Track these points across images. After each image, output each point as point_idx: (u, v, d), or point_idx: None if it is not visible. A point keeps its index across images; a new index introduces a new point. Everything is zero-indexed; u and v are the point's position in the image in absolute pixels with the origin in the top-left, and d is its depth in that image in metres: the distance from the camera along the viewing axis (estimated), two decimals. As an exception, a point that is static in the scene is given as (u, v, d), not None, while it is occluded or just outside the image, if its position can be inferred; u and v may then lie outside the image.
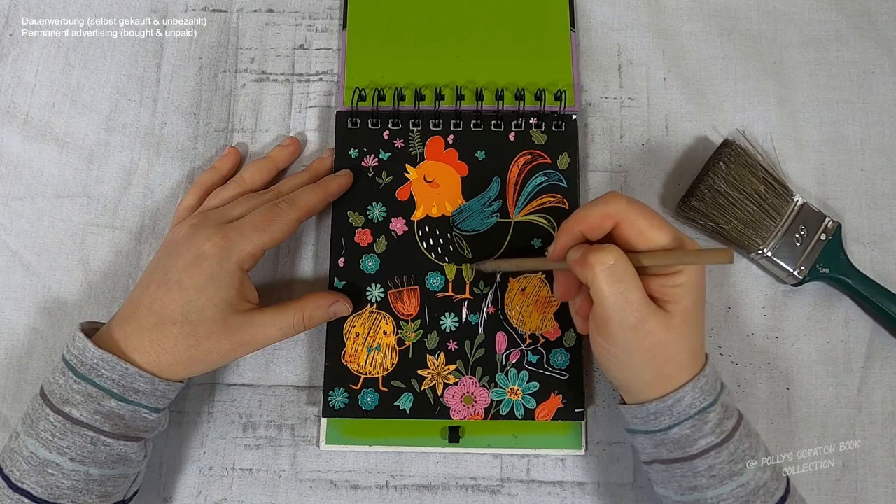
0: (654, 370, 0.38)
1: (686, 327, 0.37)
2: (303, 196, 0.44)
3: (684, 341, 0.37)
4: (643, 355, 0.37)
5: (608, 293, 0.36)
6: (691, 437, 0.37)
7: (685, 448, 0.37)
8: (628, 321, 0.36)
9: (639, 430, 0.40)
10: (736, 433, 0.38)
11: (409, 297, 0.46)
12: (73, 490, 0.38)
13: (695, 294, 0.37)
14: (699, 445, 0.37)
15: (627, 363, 0.38)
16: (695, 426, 0.37)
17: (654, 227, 0.37)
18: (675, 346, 0.37)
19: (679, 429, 0.37)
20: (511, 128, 0.49)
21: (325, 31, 0.53)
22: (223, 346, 0.40)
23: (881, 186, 0.50)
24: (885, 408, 0.46)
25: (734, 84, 0.52)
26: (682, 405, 0.37)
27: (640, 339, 0.37)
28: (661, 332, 0.36)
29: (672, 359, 0.38)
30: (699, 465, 0.37)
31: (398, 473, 0.46)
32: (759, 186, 0.46)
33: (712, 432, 0.37)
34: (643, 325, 0.36)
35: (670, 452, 0.38)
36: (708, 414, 0.37)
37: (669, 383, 0.38)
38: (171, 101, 0.52)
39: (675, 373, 0.38)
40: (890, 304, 0.46)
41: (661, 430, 0.38)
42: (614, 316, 0.36)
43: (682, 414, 0.37)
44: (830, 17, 0.53)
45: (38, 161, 0.50)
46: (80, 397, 0.38)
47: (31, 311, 0.48)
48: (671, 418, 0.38)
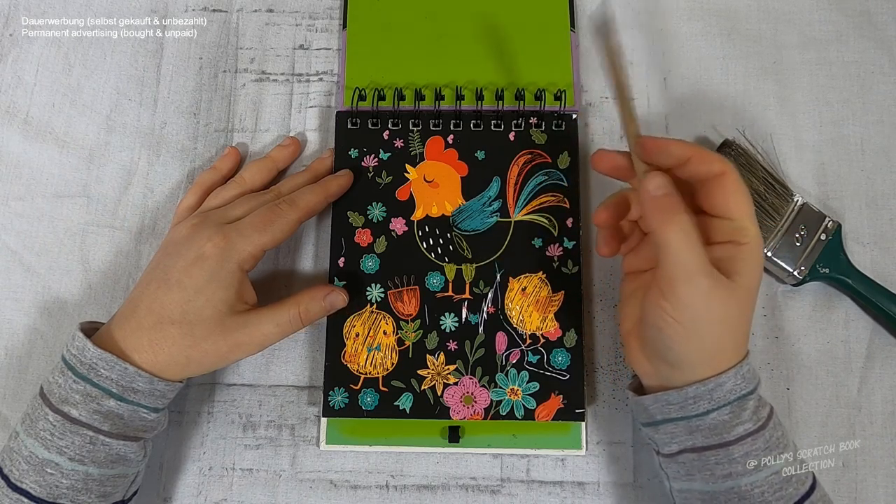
0: (715, 344, 0.37)
1: (749, 302, 0.37)
2: (303, 196, 0.44)
3: (745, 317, 0.37)
4: (708, 325, 0.36)
5: (683, 253, 0.35)
6: (729, 423, 0.37)
7: (722, 434, 0.37)
8: (701, 285, 0.35)
9: (671, 417, 0.38)
10: (770, 421, 0.38)
11: (409, 297, 0.46)
12: (72, 490, 0.38)
13: (759, 269, 0.37)
14: (737, 431, 0.37)
15: (693, 333, 0.36)
16: (733, 412, 0.37)
17: (746, 196, 0.37)
18: (737, 321, 0.37)
19: (717, 414, 0.37)
20: (511, 128, 0.49)
21: (325, 31, 0.53)
22: (220, 348, 0.40)
23: (881, 186, 0.50)
24: (885, 408, 0.46)
25: (734, 84, 0.52)
26: (722, 390, 0.37)
27: (708, 308, 0.35)
28: (729, 303, 0.36)
29: (733, 334, 0.37)
30: (736, 451, 0.37)
31: (398, 473, 0.46)
32: (759, 186, 0.46)
33: (750, 419, 0.37)
34: (714, 292, 0.35)
35: (706, 439, 0.38)
36: (747, 401, 0.37)
37: (718, 364, 0.37)
38: (171, 101, 0.52)
39: (728, 352, 0.37)
40: (890, 304, 0.46)
41: (698, 416, 0.37)
42: (686, 278, 0.35)
43: (722, 399, 0.37)
44: (830, 17, 0.53)
45: (38, 161, 0.51)
46: (79, 397, 0.38)
47: (31, 311, 0.48)
48: (710, 402, 0.37)
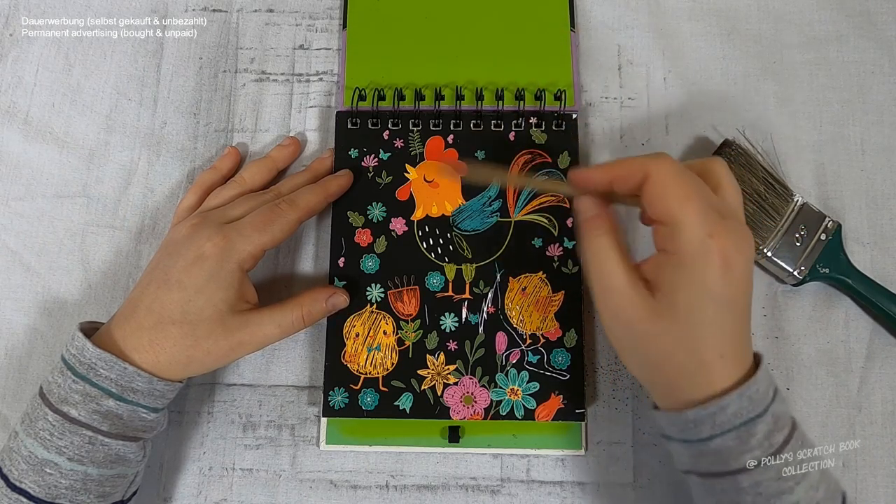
0: (659, 375, 0.35)
1: (683, 325, 0.33)
2: (303, 196, 0.44)
3: (682, 343, 0.33)
4: (638, 355, 0.35)
5: (595, 271, 0.34)
6: (735, 451, 0.33)
7: (728, 462, 0.33)
8: (611, 303, 0.34)
9: (674, 437, 0.36)
10: (787, 446, 0.33)
11: (408, 297, 0.46)
12: (72, 490, 0.38)
13: (695, 284, 0.33)
14: (743, 460, 0.33)
15: (630, 360, 0.35)
16: (740, 437, 0.33)
17: (677, 200, 0.33)
18: (672, 349, 0.33)
19: (721, 440, 0.33)
20: (511, 127, 0.49)
21: (325, 31, 0.53)
22: (222, 347, 0.40)
23: (881, 186, 0.50)
24: (885, 408, 0.46)
25: (734, 84, 0.52)
26: (725, 414, 0.33)
27: (629, 329, 0.34)
28: (654, 323, 0.33)
29: (672, 363, 0.34)
30: (743, 481, 0.33)
31: (398, 473, 0.46)
32: (759, 186, 0.46)
33: (759, 445, 0.33)
34: (631, 311, 0.33)
35: (710, 465, 0.34)
36: (756, 425, 0.33)
37: (702, 388, 0.33)
38: (171, 101, 0.52)
39: (703, 378, 0.33)
40: (890, 304, 0.46)
41: (701, 441, 0.34)
42: (601, 296, 0.34)
43: (726, 424, 0.33)
44: (830, 17, 0.53)
45: (38, 161, 0.51)
46: (78, 397, 0.38)
47: (31, 311, 0.48)
48: (713, 428, 0.33)
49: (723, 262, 0.32)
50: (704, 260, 0.33)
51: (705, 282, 0.33)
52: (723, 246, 0.32)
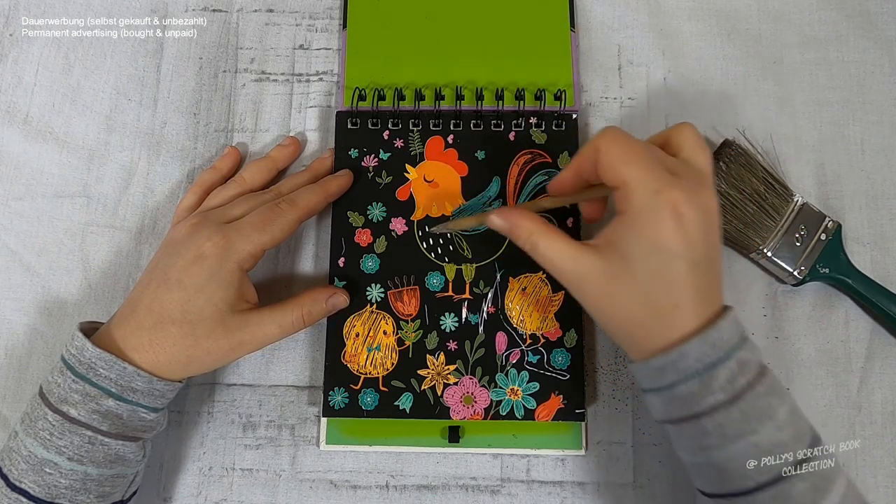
0: (623, 329, 0.37)
1: (636, 279, 0.35)
2: (303, 196, 0.44)
3: (636, 297, 0.35)
4: (604, 315, 0.37)
5: (547, 269, 0.38)
6: (699, 395, 0.35)
7: (692, 406, 0.35)
8: (571, 287, 0.37)
9: (646, 388, 0.38)
10: (751, 391, 0.34)
11: (408, 297, 0.46)
12: (71, 490, 0.38)
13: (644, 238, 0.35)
14: (707, 403, 0.34)
15: (599, 321, 0.38)
16: (703, 382, 0.34)
17: (623, 162, 0.35)
18: (628, 302, 0.35)
19: (686, 386, 0.35)
20: (511, 128, 0.49)
21: (325, 31, 0.53)
22: (222, 346, 0.40)
23: (881, 186, 0.50)
24: (885, 408, 0.46)
25: (734, 84, 0.52)
26: (688, 360, 0.34)
27: (590, 299, 0.37)
28: (604, 288, 0.36)
29: (630, 316, 0.36)
30: (707, 423, 0.35)
31: (398, 473, 0.46)
32: (759, 186, 0.46)
33: (722, 389, 0.34)
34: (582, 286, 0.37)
35: (678, 410, 0.36)
36: (717, 370, 0.34)
37: (662, 338, 0.35)
38: (171, 101, 0.52)
39: (660, 328, 0.35)
40: (890, 304, 0.46)
41: (668, 387, 0.36)
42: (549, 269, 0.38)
43: (689, 369, 0.35)
44: (830, 17, 0.53)
45: (38, 161, 0.51)
46: (78, 396, 0.38)
47: (31, 311, 0.48)
48: (677, 374, 0.35)
49: (673, 216, 0.34)
50: (652, 215, 0.34)
51: (654, 236, 0.34)
52: (672, 200, 0.34)
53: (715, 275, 0.37)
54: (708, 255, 0.36)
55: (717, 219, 0.36)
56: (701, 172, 0.37)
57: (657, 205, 0.34)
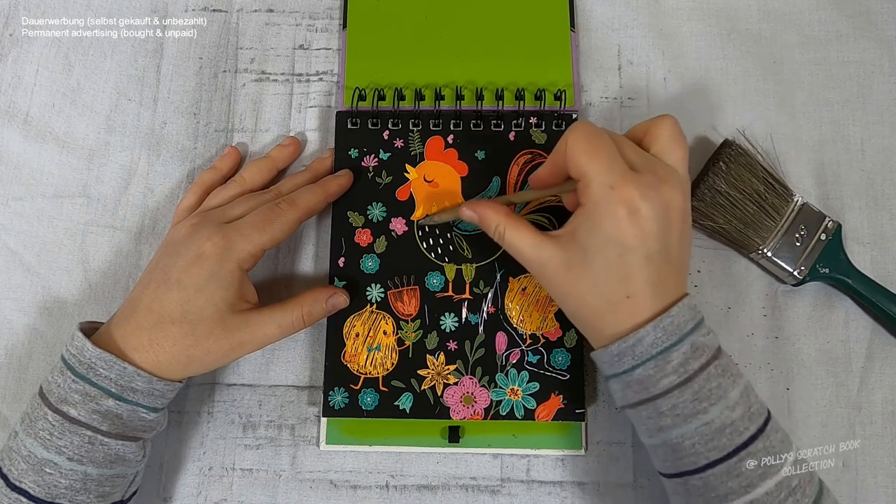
0: (581, 318, 0.39)
1: (590, 270, 0.37)
2: (303, 196, 0.44)
3: (591, 286, 0.37)
4: (566, 303, 0.39)
5: (514, 256, 0.40)
6: (654, 377, 0.36)
7: (648, 388, 0.37)
8: (535, 274, 0.39)
9: (607, 374, 0.39)
10: (703, 373, 0.36)
11: (408, 297, 0.46)
12: (71, 490, 0.38)
13: (598, 230, 0.36)
14: (661, 385, 0.36)
15: (564, 309, 0.40)
16: (657, 366, 0.36)
17: (584, 156, 0.37)
18: (584, 291, 0.37)
19: (642, 369, 0.36)
20: (511, 128, 0.49)
21: (325, 31, 0.53)
22: (222, 346, 0.40)
23: (881, 186, 0.50)
24: (885, 408, 0.46)
25: (734, 84, 0.52)
26: (643, 345, 0.36)
27: (553, 287, 0.39)
28: (563, 277, 0.38)
29: (587, 305, 0.38)
30: (662, 405, 0.36)
31: (398, 473, 0.46)
32: (759, 186, 0.46)
33: (675, 371, 0.36)
34: (544, 274, 0.38)
35: (636, 394, 0.37)
36: (671, 353, 0.36)
37: (617, 326, 0.37)
38: (171, 101, 0.52)
39: (614, 317, 0.37)
40: (890, 304, 0.46)
41: (626, 372, 0.37)
42: (517, 258, 0.40)
43: (644, 354, 0.36)
44: (830, 17, 0.53)
45: (38, 161, 0.51)
46: (78, 396, 0.38)
47: (31, 311, 0.48)
48: (633, 358, 0.37)
49: (627, 211, 0.35)
50: (606, 209, 0.36)
51: (607, 229, 0.36)
52: (625, 196, 0.35)
53: (673, 266, 0.38)
54: (665, 248, 0.37)
55: (679, 213, 0.37)
56: (668, 167, 0.38)
57: (611, 199, 0.36)
